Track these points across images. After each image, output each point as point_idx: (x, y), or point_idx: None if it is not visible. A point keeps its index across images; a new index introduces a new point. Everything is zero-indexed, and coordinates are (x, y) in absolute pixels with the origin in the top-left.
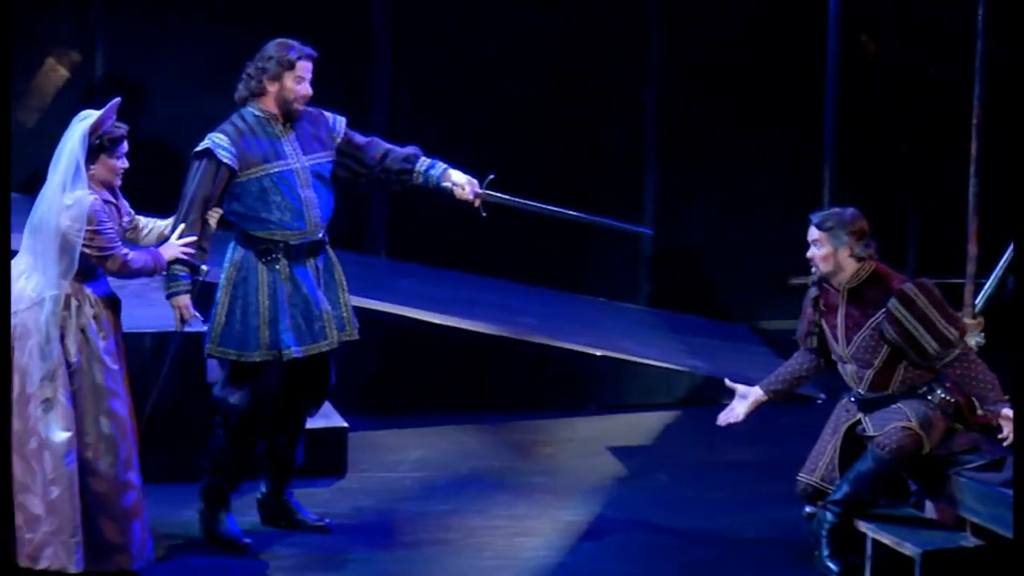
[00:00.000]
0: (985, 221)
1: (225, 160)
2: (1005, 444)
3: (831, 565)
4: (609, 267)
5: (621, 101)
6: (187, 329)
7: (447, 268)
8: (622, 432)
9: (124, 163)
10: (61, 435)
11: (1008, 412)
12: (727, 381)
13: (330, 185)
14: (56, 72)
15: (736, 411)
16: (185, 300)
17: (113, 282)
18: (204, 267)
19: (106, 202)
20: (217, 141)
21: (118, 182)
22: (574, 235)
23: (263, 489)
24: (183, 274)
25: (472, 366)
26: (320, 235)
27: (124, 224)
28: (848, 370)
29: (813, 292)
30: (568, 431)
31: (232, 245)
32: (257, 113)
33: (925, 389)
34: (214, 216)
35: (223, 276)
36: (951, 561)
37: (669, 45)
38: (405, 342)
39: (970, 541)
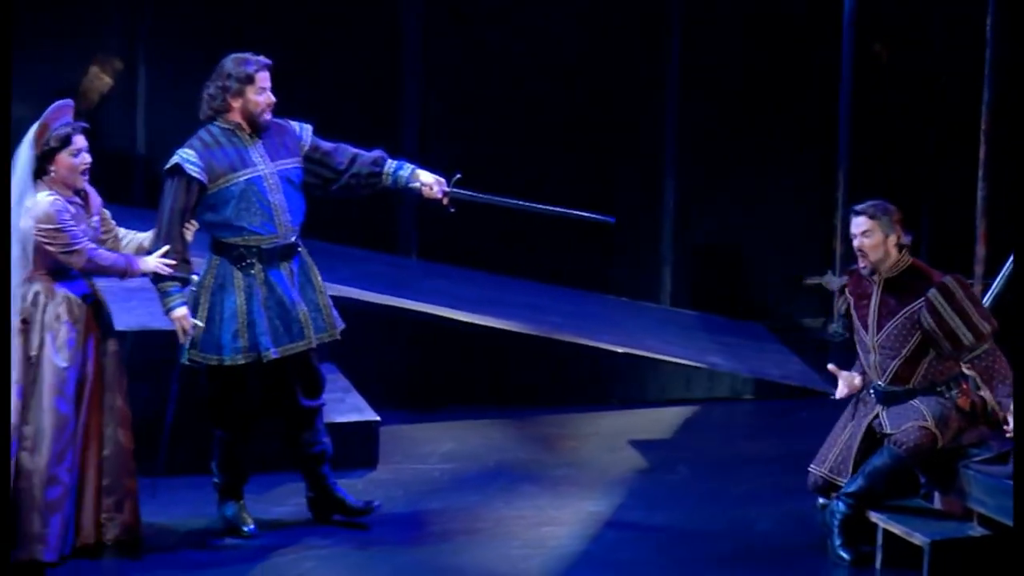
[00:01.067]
0: (993, 223)
1: (194, 174)
2: (1008, 435)
3: (843, 554)
4: (632, 268)
5: (643, 106)
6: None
7: (476, 269)
8: (643, 427)
9: (84, 159)
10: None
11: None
12: (830, 366)
13: (300, 190)
14: (100, 79)
15: (852, 384)
16: (183, 312)
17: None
18: (194, 276)
19: (70, 202)
20: (185, 156)
21: (82, 181)
22: (599, 237)
23: (309, 490)
24: (174, 288)
25: (499, 363)
26: (292, 239)
27: (94, 224)
28: (872, 360)
29: (842, 281)
30: (591, 425)
31: (208, 254)
32: (223, 126)
33: (943, 388)
34: (190, 229)
35: (200, 284)
36: (959, 550)
37: (689, 51)
38: (435, 339)
39: (977, 531)
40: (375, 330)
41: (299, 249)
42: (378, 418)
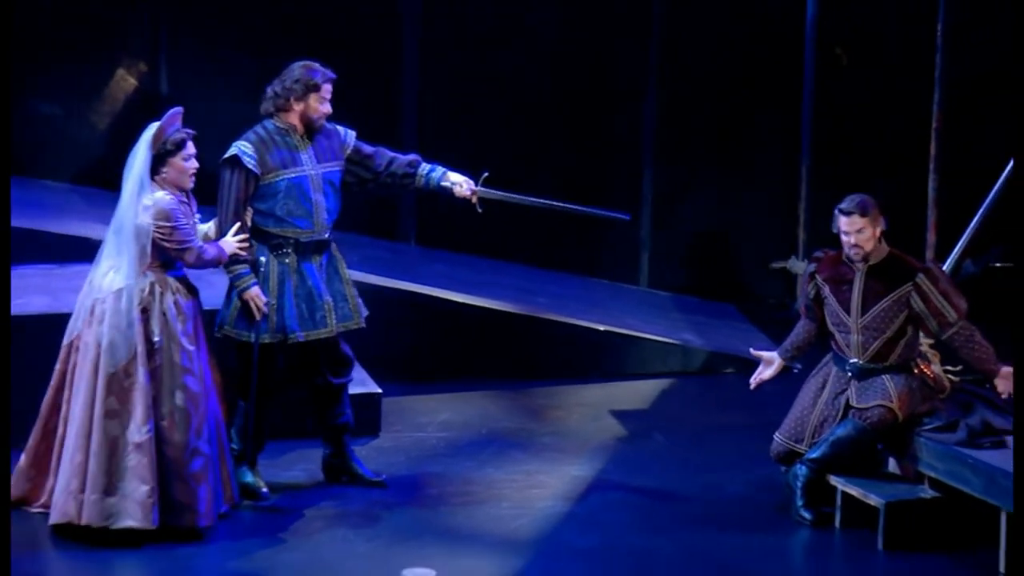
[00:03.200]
0: (943, 213)
1: (249, 165)
2: (1004, 398)
3: (805, 514)
4: (613, 253)
5: (624, 107)
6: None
7: (470, 254)
8: (623, 398)
9: (192, 164)
10: (139, 409)
11: (1007, 370)
12: (752, 350)
13: (338, 192)
14: (126, 81)
15: (764, 374)
16: (256, 291)
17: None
18: (262, 258)
19: (180, 202)
20: (243, 149)
21: (189, 183)
22: (582, 226)
23: (325, 452)
24: (245, 270)
25: (492, 339)
26: (326, 235)
27: (195, 220)
28: (852, 340)
29: (811, 268)
30: (575, 397)
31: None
32: (279, 124)
33: (912, 364)
34: (248, 215)
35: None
36: (911, 511)
37: (667, 56)
38: (433, 318)
39: (928, 493)
40: (378, 310)
41: (330, 245)
42: (380, 390)
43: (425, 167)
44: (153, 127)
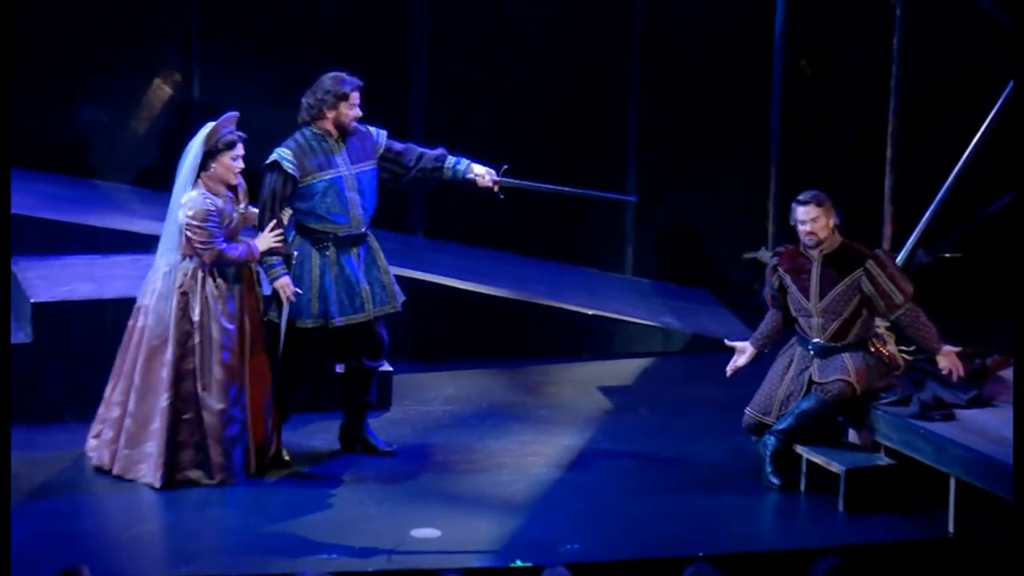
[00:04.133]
0: (898, 208)
1: (289, 170)
2: (944, 374)
3: (774, 480)
4: (601, 244)
5: (610, 109)
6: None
7: (474, 245)
8: (610, 375)
9: (239, 164)
10: (164, 381)
11: (948, 348)
12: (726, 341)
13: (374, 189)
14: (162, 90)
15: (738, 362)
16: (286, 280)
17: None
18: (295, 252)
19: (221, 203)
20: (283, 155)
21: (236, 180)
22: (574, 219)
23: (343, 422)
24: (278, 262)
25: (493, 322)
26: (363, 229)
27: (241, 209)
28: (813, 322)
29: (774, 261)
30: (567, 374)
31: (292, 235)
32: (316, 131)
33: (869, 344)
34: (285, 215)
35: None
36: (869, 476)
37: (648, 63)
38: (440, 304)
39: (884, 461)
40: None
41: (367, 237)
42: (392, 368)
43: (451, 160)
44: (209, 126)
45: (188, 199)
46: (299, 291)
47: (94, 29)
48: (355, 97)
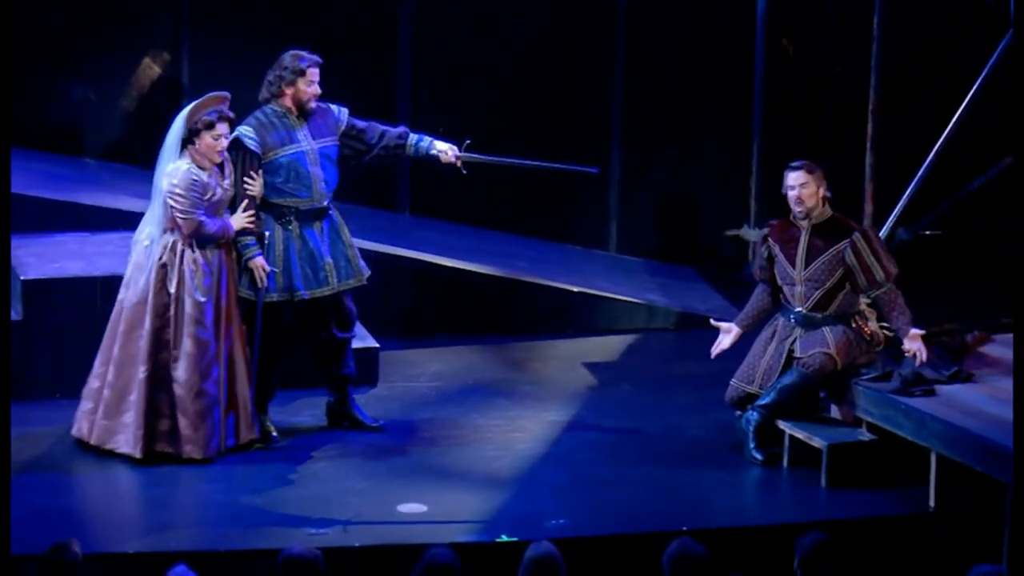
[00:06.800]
0: (879, 186)
1: (251, 146)
2: (910, 358)
3: (756, 455)
4: (585, 221)
5: (594, 87)
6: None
7: (459, 223)
8: (594, 351)
9: (222, 143)
10: (143, 353)
11: (915, 332)
12: (712, 320)
13: (335, 164)
14: (151, 69)
15: (724, 343)
16: (260, 261)
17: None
18: (267, 232)
19: (198, 179)
20: (244, 132)
21: (219, 158)
22: (558, 197)
23: (329, 399)
24: (251, 242)
25: (478, 299)
26: (325, 203)
27: (225, 185)
28: (797, 291)
29: (764, 232)
30: (552, 350)
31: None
32: (276, 108)
33: (849, 317)
34: (254, 187)
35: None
36: (850, 451)
37: (632, 40)
38: (425, 281)
39: (865, 436)
40: (375, 273)
41: (330, 211)
42: (378, 345)
43: (414, 137)
44: (191, 105)
45: (174, 167)
46: (273, 269)
47: (84, 8)
48: (313, 74)
